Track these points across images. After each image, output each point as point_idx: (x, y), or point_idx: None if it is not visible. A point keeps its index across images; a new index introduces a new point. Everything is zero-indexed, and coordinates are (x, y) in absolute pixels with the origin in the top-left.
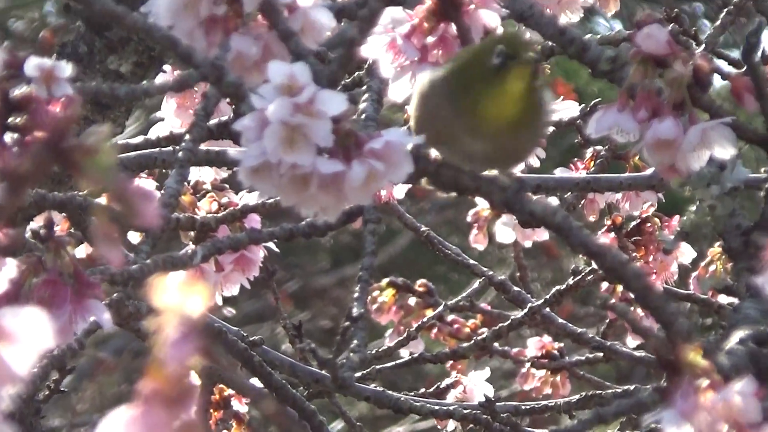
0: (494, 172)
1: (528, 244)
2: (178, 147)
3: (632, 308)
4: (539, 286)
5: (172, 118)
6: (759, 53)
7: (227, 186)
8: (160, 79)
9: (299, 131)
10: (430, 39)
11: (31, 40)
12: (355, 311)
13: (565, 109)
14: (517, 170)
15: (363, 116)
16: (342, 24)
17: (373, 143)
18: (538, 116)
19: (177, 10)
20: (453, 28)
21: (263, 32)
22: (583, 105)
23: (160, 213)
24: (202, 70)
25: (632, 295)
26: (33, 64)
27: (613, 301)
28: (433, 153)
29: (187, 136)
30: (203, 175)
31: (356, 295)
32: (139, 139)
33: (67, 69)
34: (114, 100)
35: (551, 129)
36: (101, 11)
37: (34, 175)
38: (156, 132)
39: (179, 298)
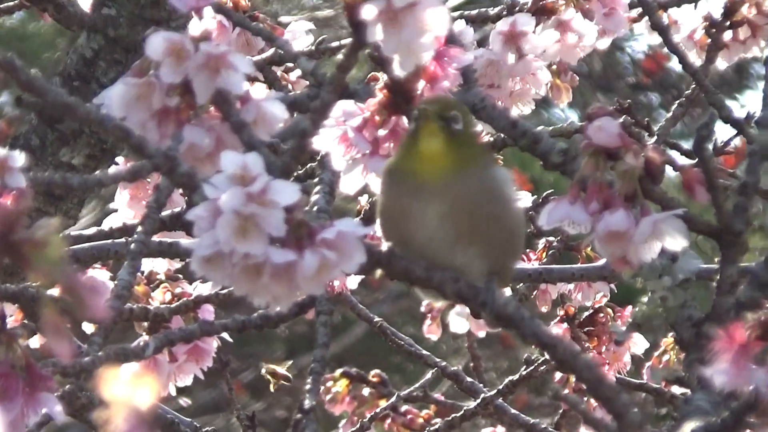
0: (474, 260)
1: (482, 334)
2: (130, 239)
3: (585, 399)
4: (494, 375)
5: (125, 209)
6: (710, 145)
7: (181, 276)
8: (113, 169)
9: (252, 221)
10: (382, 132)
11: None
12: (307, 403)
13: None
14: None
15: (315, 208)
16: (294, 116)
17: (325, 233)
18: (476, 169)
19: (129, 101)
20: (404, 121)
21: (216, 123)
22: (535, 196)
23: (112, 305)
24: (154, 161)
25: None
26: None
27: (565, 391)
28: (386, 244)
29: (140, 228)
30: (157, 265)
31: (308, 386)
32: (93, 230)
33: (20, 159)
34: (67, 191)
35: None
36: (54, 102)
37: None
38: (109, 223)
39: (129, 389)
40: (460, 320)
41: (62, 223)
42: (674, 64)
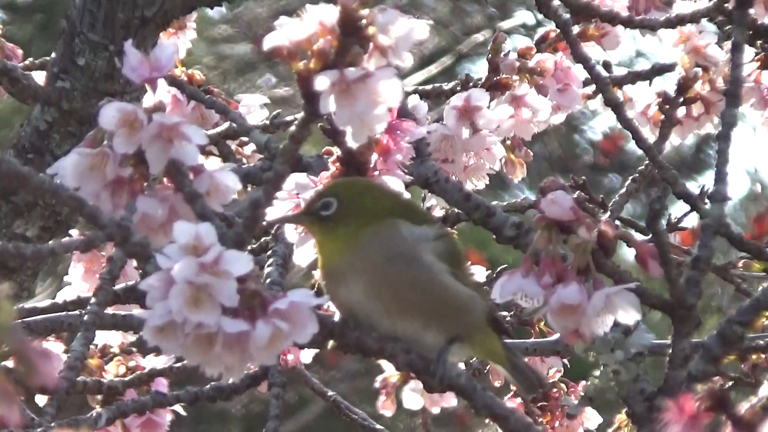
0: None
1: (436, 410)
2: (84, 311)
3: None
4: None
5: (79, 282)
6: (664, 220)
7: (135, 350)
8: (66, 239)
9: (204, 291)
10: None
11: None
12: None
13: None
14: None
15: (268, 280)
16: (249, 189)
17: (278, 303)
18: (369, 237)
19: (83, 171)
20: None
21: (169, 194)
22: (489, 271)
23: (65, 375)
24: (107, 231)
25: None
26: None
27: None
28: (338, 315)
29: (93, 299)
30: (111, 338)
31: None
32: (47, 302)
33: None
34: (21, 262)
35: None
36: (7, 172)
37: None
38: (63, 296)
39: None
40: (413, 396)
41: (16, 294)
42: (633, 146)
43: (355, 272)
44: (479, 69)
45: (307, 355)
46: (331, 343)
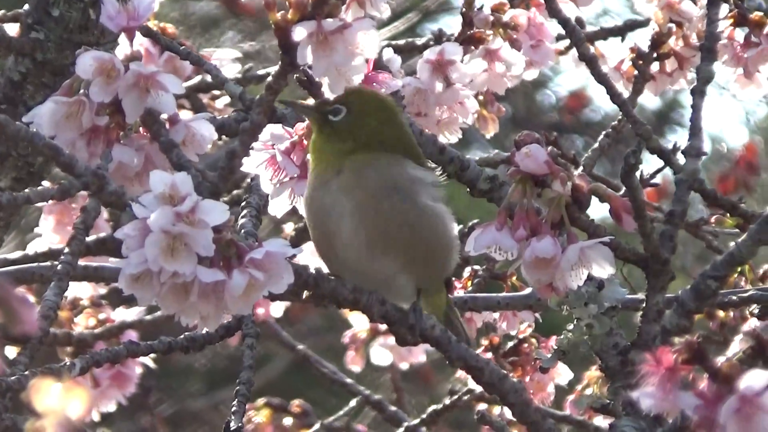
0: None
1: (405, 366)
2: (56, 261)
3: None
4: (416, 411)
5: (50, 234)
6: (637, 174)
7: (105, 302)
8: (41, 188)
9: (180, 240)
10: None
11: None
12: (233, 425)
13: None
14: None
15: (242, 231)
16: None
17: (253, 253)
18: (377, 162)
19: (59, 120)
20: None
21: (145, 143)
22: (461, 226)
23: (39, 325)
24: (83, 180)
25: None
26: None
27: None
28: (313, 265)
29: (67, 249)
30: (81, 291)
31: (234, 408)
32: (17, 254)
33: None
34: None
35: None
36: None
37: None
38: (34, 248)
39: (59, 401)
40: (382, 352)
41: None
42: (597, 106)
43: (347, 195)
44: (445, 26)
45: (278, 309)
46: (305, 294)
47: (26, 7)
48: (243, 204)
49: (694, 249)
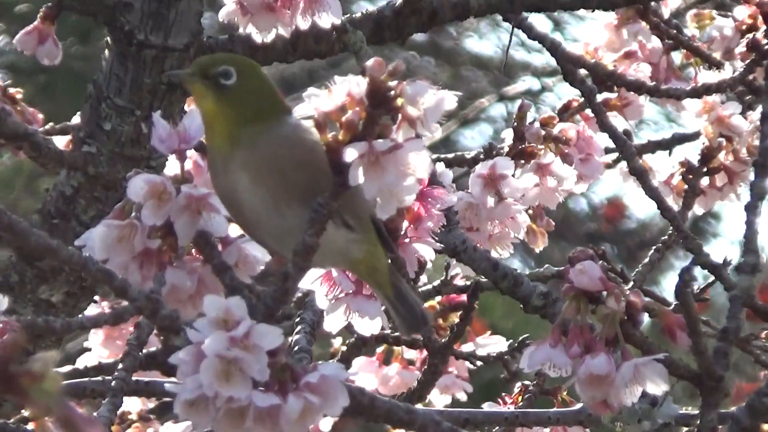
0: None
1: None
2: (110, 376)
3: None
4: None
5: (99, 348)
6: (692, 291)
7: (153, 417)
8: (93, 310)
9: (235, 365)
10: None
11: None
12: None
13: (493, 343)
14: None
15: (296, 348)
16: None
17: (309, 377)
18: (269, 123)
19: (111, 243)
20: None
21: (197, 266)
22: (510, 341)
23: None
24: (137, 304)
25: None
26: None
27: None
28: (368, 386)
29: (120, 365)
30: (130, 405)
31: None
32: (68, 368)
33: (2, 303)
34: (50, 334)
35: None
36: (36, 245)
37: None
38: (84, 362)
39: None
40: None
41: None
42: (632, 212)
43: (244, 165)
44: (481, 134)
45: (326, 424)
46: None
47: (78, 119)
48: (297, 320)
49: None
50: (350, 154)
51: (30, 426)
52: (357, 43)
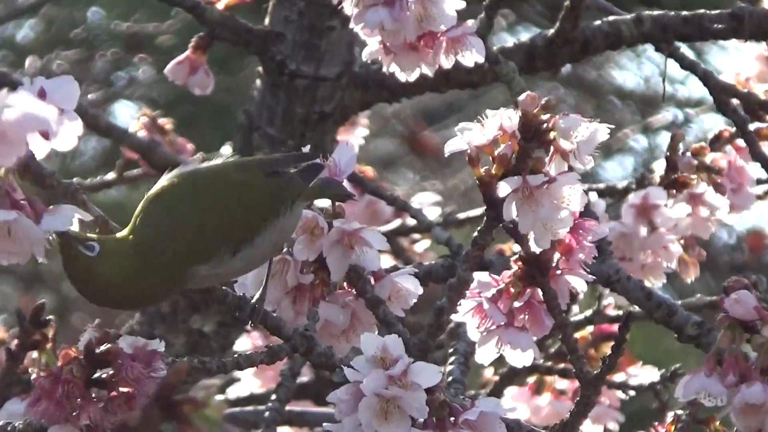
0: None
1: None
2: (263, 407)
3: None
4: None
5: (250, 378)
6: None
7: None
8: (244, 341)
9: (394, 403)
10: (517, 304)
11: None
12: None
13: (644, 373)
14: None
15: (450, 378)
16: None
17: (468, 414)
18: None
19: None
20: (539, 293)
21: (350, 300)
22: (663, 370)
23: None
24: (292, 342)
25: None
26: (126, 342)
27: None
28: (519, 416)
29: (274, 396)
30: None
31: None
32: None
33: (160, 346)
34: (205, 375)
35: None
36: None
37: (143, 428)
38: (235, 392)
39: None
40: None
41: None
42: None
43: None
44: (619, 166)
45: None
46: None
47: (225, 149)
48: (450, 350)
49: None
50: (504, 188)
51: None
52: (509, 74)
